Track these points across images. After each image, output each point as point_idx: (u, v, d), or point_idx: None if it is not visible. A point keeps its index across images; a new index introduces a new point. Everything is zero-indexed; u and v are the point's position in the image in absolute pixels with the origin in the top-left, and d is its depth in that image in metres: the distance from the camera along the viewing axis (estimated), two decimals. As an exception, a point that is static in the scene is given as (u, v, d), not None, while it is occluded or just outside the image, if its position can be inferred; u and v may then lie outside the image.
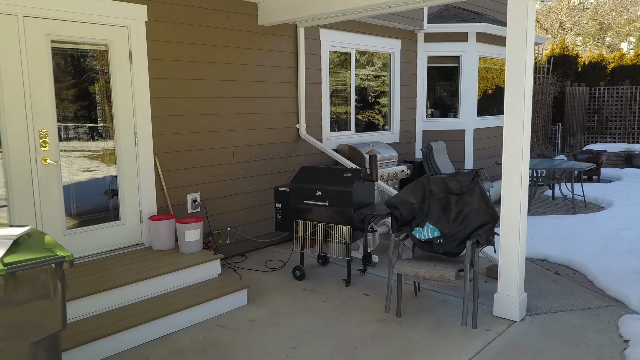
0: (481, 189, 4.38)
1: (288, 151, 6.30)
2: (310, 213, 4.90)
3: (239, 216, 5.84)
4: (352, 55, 7.17)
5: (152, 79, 4.93)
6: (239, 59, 5.65)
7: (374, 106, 7.72)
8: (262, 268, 5.44)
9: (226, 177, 5.66)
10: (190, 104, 5.26)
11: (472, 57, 8.36)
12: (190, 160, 5.31)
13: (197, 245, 4.78)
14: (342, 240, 4.82)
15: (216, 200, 5.59)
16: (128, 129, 4.82)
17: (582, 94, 14.12)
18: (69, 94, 4.47)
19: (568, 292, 4.70)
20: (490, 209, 4.27)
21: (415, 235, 4.40)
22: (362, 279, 5.05)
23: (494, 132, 9.33)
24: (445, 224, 4.39)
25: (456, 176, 4.43)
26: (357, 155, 6.69)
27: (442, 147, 7.73)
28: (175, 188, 5.22)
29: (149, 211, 4.99)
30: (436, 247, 4.34)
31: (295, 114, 6.35)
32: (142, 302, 4.10)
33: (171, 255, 4.70)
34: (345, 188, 4.70)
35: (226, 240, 5.71)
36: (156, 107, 4.98)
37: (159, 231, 4.83)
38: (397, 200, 4.51)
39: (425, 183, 4.54)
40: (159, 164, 5.04)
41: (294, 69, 6.27)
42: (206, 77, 5.37)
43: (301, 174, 5.02)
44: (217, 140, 5.54)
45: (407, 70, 8.11)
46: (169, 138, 5.11)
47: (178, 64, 5.12)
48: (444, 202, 4.45)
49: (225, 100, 5.57)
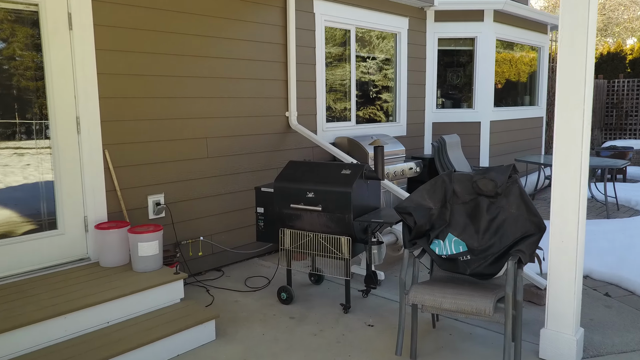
0: (521, 189, 3.35)
1: (275, 144, 5.27)
2: (299, 220, 3.88)
3: (215, 223, 4.81)
4: (352, 33, 6.14)
5: (100, 51, 3.90)
6: (214, 30, 4.62)
7: (378, 95, 6.69)
8: (242, 287, 4.41)
9: (198, 175, 4.63)
10: (152, 84, 4.24)
11: (489, 40, 7.33)
12: (152, 153, 4.29)
13: (155, 261, 3.76)
14: (339, 255, 3.79)
15: (186, 204, 4.56)
16: (67, 115, 3.79)
17: (600, 87, 13.08)
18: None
19: (628, 321, 3.67)
20: (533, 215, 3.24)
21: (435, 250, 3.38)
22: (365, 303, 4.03)
23: (513, 125, 8.30)
24: (473, 235, 3.36)
25: (488, 172, 3.41)
26: (358, 150, 5.66)
27: (456, 141, 6.71)
28: (133, 188, 4.19)
29: (96, 217, 3.97)
30: (462, 267, 3.32)
31: (285, 100, 5.32)
32: (73, 341, 3.07)
33: (122, 275, 3.67)
34: (343, 188, 3.68)
35: (198, 253, 4.68)
36: (106, 86, 3.96)
37: (108, 243, 3.81)
38: (411, 205, 3.49)
39: (446, 182, 3.51)
40: (110, 157, 4.02)
41: (282, 46, 5.24)
42: (173, 51, 4.34)
43: (288, 171, 4.00)
44: (187, 130, 4.51)
45: (415, 54, 7.08)
46: (123, 126, 4.08)
47: (135, 33, 4.09)
48: (472, 206, 3.43)
49: (197, 81, 4.54)
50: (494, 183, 3.32)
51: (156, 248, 3.76)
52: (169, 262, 4.15)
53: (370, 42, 6.45)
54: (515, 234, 3.28)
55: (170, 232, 4.46)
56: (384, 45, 6.67)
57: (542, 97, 9.18)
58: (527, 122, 8.78)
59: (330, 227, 3.77)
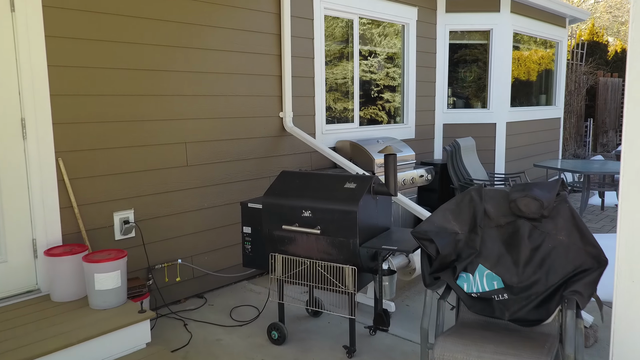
0: (572, 210, 2.66)
1: (267, 149, 4.58)
2: (293, 244, 3.18)
3: (196, 242, 4.11)
4: (356, 23, 5.45)
5: (51, 38, 3.20)
6: (194, 16, 3.93)
7: (382, 94, 5.99)
8: (226, 319, 3.72)
9: (176, 187, 3.94)
10: (118, 78, 3.54)
11: (506, 32, 6.64)
12: (120, 162, 3.59)
13: (117, 295, 3.06)
14: (341, 288, 3.10)
15: (161, 220, 3.87)
16: (9, 116, 3.09)
17: (615, 86, 12.40)
18: None
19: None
20: (590, 245, 2.55)
21: (462, 286, 2.69)
22: (373, 343, 3.34)
23: (531, 126, 7.62)
24: (511, 268, 2.67)
25: (529, 188, 2.72)
26: (363, 156, 4.97)
27: (471, 144, 6.02)
28: (95, 204, 3.49)
29: (48, 241, 3.27)
30: (498, 309, 2.63)
31: (278, 99, 4.63)
32: (-2, 409, 2.38)
33: (74, 313, 2.98)
34: (347, 207, 2.99)
35: (175, 278, 3.98)
36: (59, 81, 3.26)
37: (59, 273, 3.12)
38: (432, 229, 2.80)
39: (475, 200, 2.82)
40: (65, 168, 3.32)
41: (276, 36, 4.55)
42: (144, 40, 3.65)
43: (280, 184, 3.31)
44: (162, 133, 3.82)
45: (424, 48, 6.39)
46: (81, 129, 3.39)
47: (97, 17, 3.39)
48: (509, 231, 2.74)
49: (174, 76, 3.85)
50: (539, 203, 2.63)
51: (117, 280, 3.06)
52: (137, 294, 3.45)
53: (372, 39, 5.75)
54: (566, 267, 2.59)
55: (141, 254, 3.77)
56: (388, 42, 5.97)
57: (560, 96, 8.49)
58: (545, 123, 8.09)
59: (331, 253, 3.08)
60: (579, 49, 11.11)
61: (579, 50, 11.00)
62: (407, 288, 4.32)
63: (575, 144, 11.05)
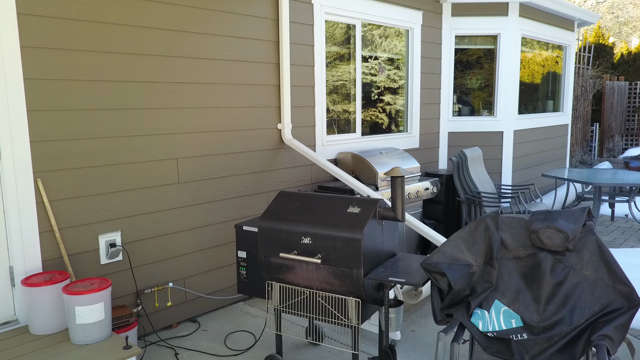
0: (599, 243, 2.41)
1: (265, 163, 4.33)
2: (291, 273, 2.93)
3: (188, 263, 3.86)
4: (358, 28, 5.20)
5: (27, 48, 2.95)
6: (185, 23, 3.67)
7: (385, 101, 5.74)
8: (220, 348, 3.47)
9: (166, 205, 3.69)
10: (103, 91, 3.29)
11: (514, 37, 6.39)
12: (105, 181, 3.34)
13: (100, 329, 2.82)
14: (344, 321, 2.85)
15: (150, 242, 3.62)
16: (-17, 133, 2.85)
17: (621, 89, 12.14)
18: None
19: None
20: (620, 282, 2.31)
21: (477, 324, 2.44)
22: (378, 378, 3.08)
23: (538, 134, 7.37)
24: (530, 305, 2.42)
25: (552, 218, 2.47)
26: (365, 169, 4.72)
27: (478, 155, 5.77)
28: (79, 227, 3.24)
29: (27, 268, 3.03)
30: (517, 351, 2.38)
31: (277, 110, 4.38)
32: None
33: (53, 349, 2.73)
34: (351, 234, 2.74)
35: (166, 303, 3.73)
36: (37, 95, 3.01)
37: (38, 303, 2.87)
38: (444, 261, 2.55)
39: (491, 229, 2.57)
40: (45, 189, 3.07)
41: (274, 44, 4.30)
42: (130, 50, 3.40)
43: (278, 206, 3.06)
44: (151, 149, 3.57)
45: (429, 53, 6.14)
46: (62, 147, 3.14)
47: (79, 25, 3.14)
48: (529, 265, 2.49)
49: (164, 88, 3.60)
50: (564, 235, 2.38)
51: (101, 312, 2.81)
52: (123, 324, 3.20)
53: (373, 41, 5.50)
54: (593, 306, 2.34)
55: (129, 279, 3.52)
56: (390, 46, 5.72)
57: (568, 102, 8.24)
58: (552, 130, 7.84)
59: (333, 284, 2.83)
60: (585, 52, 10.84)
61: (586, 54, 10.73)
62: (412, 311, 4.07)
63: (582, 149, 10.79)
